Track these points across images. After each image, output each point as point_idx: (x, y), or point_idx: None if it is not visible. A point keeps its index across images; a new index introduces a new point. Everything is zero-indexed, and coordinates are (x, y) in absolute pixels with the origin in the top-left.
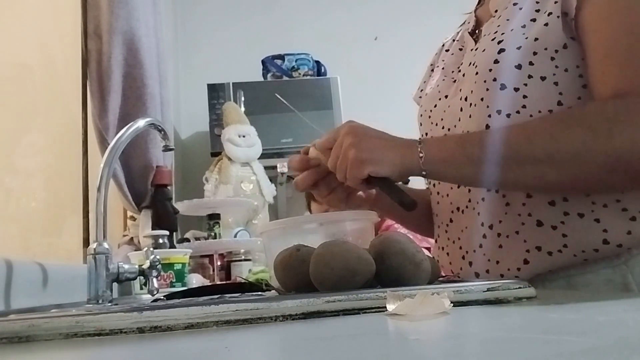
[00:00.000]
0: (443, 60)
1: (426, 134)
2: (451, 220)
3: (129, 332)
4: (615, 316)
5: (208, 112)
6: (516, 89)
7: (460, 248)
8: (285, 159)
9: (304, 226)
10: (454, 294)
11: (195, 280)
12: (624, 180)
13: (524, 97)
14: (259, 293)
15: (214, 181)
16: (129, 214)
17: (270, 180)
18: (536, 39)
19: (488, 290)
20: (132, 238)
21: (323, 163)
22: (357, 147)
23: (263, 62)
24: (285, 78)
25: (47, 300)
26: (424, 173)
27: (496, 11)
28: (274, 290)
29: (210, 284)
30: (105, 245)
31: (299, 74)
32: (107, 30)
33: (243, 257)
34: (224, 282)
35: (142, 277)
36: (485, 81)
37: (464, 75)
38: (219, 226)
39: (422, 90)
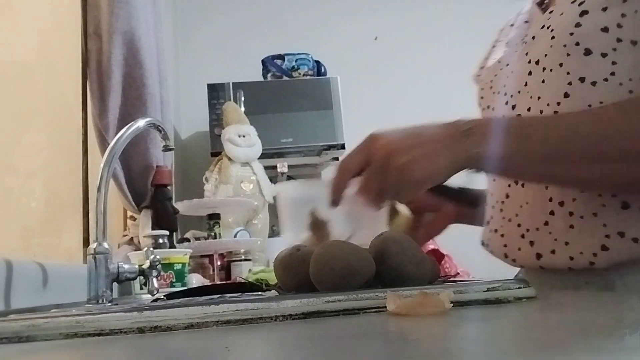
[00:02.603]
0: (507, 35)
1: (488, 106)
2: (507, 196)
3: (129, 332)
4: (615, 316)
5: (208, 112)
6: (604, 55)
7: (519, 226)
8: (285, 159)
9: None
10: (454, 294)
11: (195, 280)
12: None
13: (613, 63)
14: (259, 293)
15: (214, 181)
16: (129, 214)
17: (270, 180)
18: (624, 0)
19: (488, 290)
20: (132, 238)
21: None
22: (409, 165)
23: (263, 62)
24: (285, 78)
25: (47, 300)
26: (474, 169)
27: None
28: (274, 290)
29: (210, 284)
30: (105, 245)
31: (299, 74)
32: (107, 30)
33: (243, 257)
34: (224, 282)
35: (142, 277)
36: (565, 45)
37: (533, 38)
38: (219, 226)
39: (482, 67)
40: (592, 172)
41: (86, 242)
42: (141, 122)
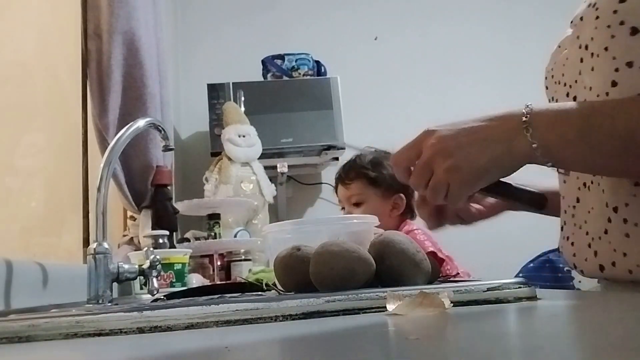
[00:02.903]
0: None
1: (552, 97)
2: (578, 200)
3: (129, 332)
4: (615, 316)
5: (208, 112)
6: None
7: (587, 234)
8: (285, 159)
9: (307, 228)
10: (454, 294)
11: (195, 280)
12: None
13: None
14: (259, 293)
15: (214, 181)
16: (129, 214)
17: (270, 180)
18: None
19: (488, 290)
20: (132, 238)
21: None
22: (457, 167)
23: (263, 62)
24: (285, 78)
25: (47, 300)
26: (539, 161)
27: None
28: (274, 290)
29: (210, 284)
30: (105, 245)
31: (299, 74)
32: (107, 30)
33: (243, 257)
34: (224, 282)
35: (142, 277)
36: (609, 26)
37: (581, 19)
38: (219, 226)
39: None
40: None
41: (86, 242)
42: (141, 122)
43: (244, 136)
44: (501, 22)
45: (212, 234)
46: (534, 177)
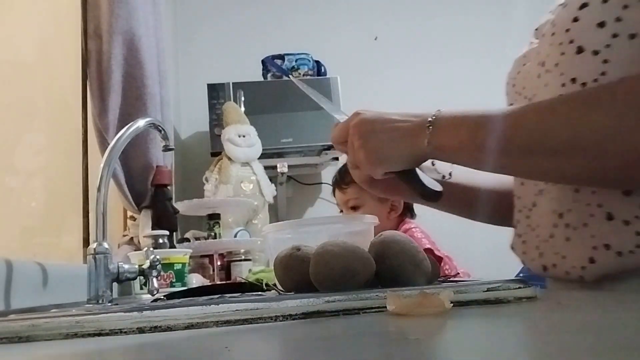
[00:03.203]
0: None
1: (512, 104)
2: (534, 204)
3: (129, 332)
4: (615, 316)
5: (208, 112)
6: (595, 52)
7: (537, 237)
8: (285, 159)
9: (306, 229)
10: (454, 294)
11: (195, 280)
12: None
13: (605, 61)
14: (259, 293)
15: (214, 181)
16: (129, 214)
17: (270, 180)
18: None
19: (488, 290)
20: (132, 238)
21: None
22: (365, 148)
23: (263, 62)
24: (285, 78)
25: (47, 300)
26: (432, 161)
27: None
28: (274, 290)
29: (210, 284)
30: (105, 245)
31: (299, 74)
32: (107, 30)
33: (243, 257)
34: (224, 282)
35: (142, 277)
36: (560, 43)
37: (543, 35)
38: (219, 226)
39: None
40: (540, 164)
41: (86, 242)
42: (141, 122)
43: (244, 136)
44: (502, 23)
45: (212, 234)
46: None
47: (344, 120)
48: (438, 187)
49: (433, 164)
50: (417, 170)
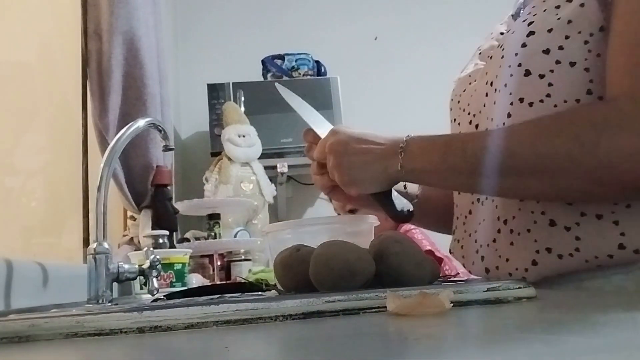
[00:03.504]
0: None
1: (455, 119)
2: (470, 212)
3: (129, 332)
4: (615, 316)
5: (208, 112)
6: (541, 76)
7: (476, 241)
8: (285, 159)
9: (306, 229)
10: (454, 294)
11: (195, 280)
12: (614, 192)
13: (550, 84)
14: (259, 293)
15: (214, 181)
16: (129, 214)
17: (270, 180)
18: (569, 22)
19: (488, 290)
20: (132, 238)
21: None
22: (339, 169)
23: (263, 62)
24: (285, 78)
25: (47, 300)
26: (405, 184)
27: None
28: (274, 290)
29: (210, 284)
30: (105, 245)
31: (299, 74)
32: (107, 30)
33: (243, 257)
34: (224, 282)
35: (142, 277)
36: (509, 66)
37: (490, 58)
38: (219, 226)
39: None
40: (509, 184)
41: (86, 242)
42: (141, 122)
43: (244, 136)
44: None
45: (212, 234)
46: None
47: (323, 137)
48: (410, 208)
49: (405, 187)
50: (392, 190)
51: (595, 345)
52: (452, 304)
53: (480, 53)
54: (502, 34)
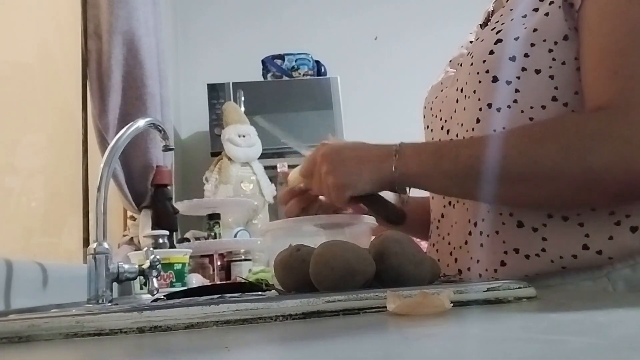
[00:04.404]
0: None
1: (427, 126)
2: (442, 215)
3: (129, 332)
4: (615, 316)
5: (208, 112)
6: (508, 82)
7: (449, 244)
8: (285, 159)
9: (305, 228)
10: (454, 294)
11: (195, 280)
12: (602, 199)
13: (516, 90)
14: (259, 293)
15: (214, 181)
16: (129, 214)
17: (270, 180)
18: (535, 30)
19: (488, 290)
20: (132, 238)
21: (307, 187)
22: (333, 174)
23: (263, 62)
24: (285, 78)
25: (47, 300)
26: (398, 187)
27: (507, 1)
28: (274, 290)
29: (210, 284)
30: (105, 245)
31: (299, 74)
32: (107, 30)
33: (243, 257)
34: (224, 282)
35: (142, 277)
36: (478, 73)
37: (460, 65)
38: (219, 226)
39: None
40: (499, 191)
41: (86, 242)
42: (141, 122)
43: (244, 136)
44: None
45: (212, 234)
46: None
47: (310, 154)
48: (401, 212)
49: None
50: (381, 195)
51: (595, 345)
52: (452, 304)
53: (450, 61)
54: (471, 42)
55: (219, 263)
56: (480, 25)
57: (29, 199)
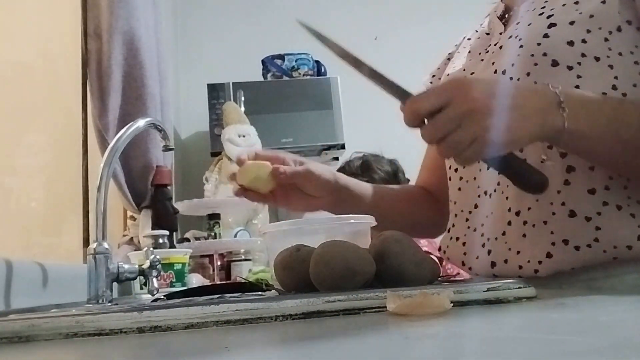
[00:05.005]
0: (464, 47)
1: None
2: (476, 206)
3: (129, 332)
4: (616, 316)
5: (208, 112)
6: (569, 67)
7: (482, 235)
8: None
9: (305, 228)
10: (454, 294)
11: (195, 280)
12: None
13: (578, 76)
14: (259, 293)
15: (214, 181)
16: (129, 214)
17: None
18: (591, 16)
19: (488, 290)
20: (132, 238)
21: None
22: (493, 129)
23: (263, 62)
24: (285, 78)
25: (47, 300)
26: (561, 143)
27: None
28: (274, 290)
29: (210, 284)
30: (105, 245)
31: (299, 73)
32: (107, 30)
33: (243, 257)
34: (224, 282)
35: (142, 277)
36: (532, 55)
37: (500, 47)
38: (219, 226)
39: (434, 76)
40: None
41: (86, 242)
42: (141, 122)
43: (244, 136)
44: None
45: (212, 234)
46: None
47: (435, 89)
48: (544, 177)
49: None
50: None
51: (595, 345)
52: (452, 304)
53: (470, 52)
54: (487, 33)
55: (219, 263)
56: (499, 17)
57: (29, 199)
